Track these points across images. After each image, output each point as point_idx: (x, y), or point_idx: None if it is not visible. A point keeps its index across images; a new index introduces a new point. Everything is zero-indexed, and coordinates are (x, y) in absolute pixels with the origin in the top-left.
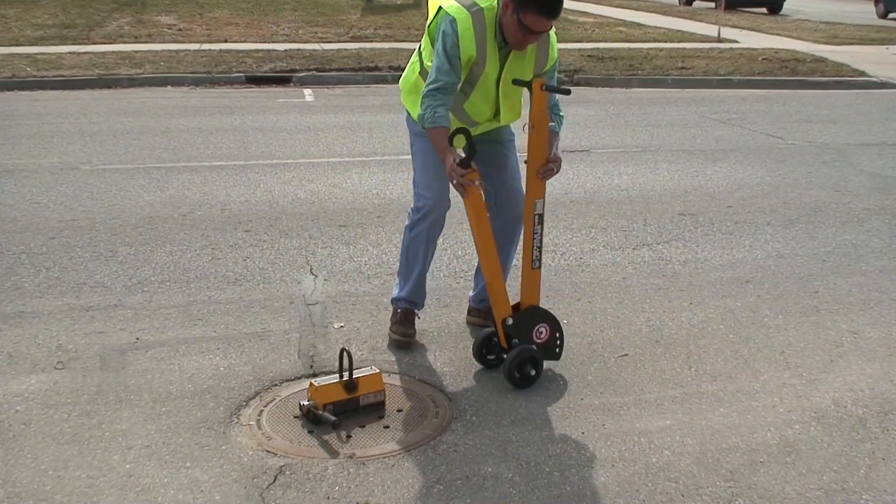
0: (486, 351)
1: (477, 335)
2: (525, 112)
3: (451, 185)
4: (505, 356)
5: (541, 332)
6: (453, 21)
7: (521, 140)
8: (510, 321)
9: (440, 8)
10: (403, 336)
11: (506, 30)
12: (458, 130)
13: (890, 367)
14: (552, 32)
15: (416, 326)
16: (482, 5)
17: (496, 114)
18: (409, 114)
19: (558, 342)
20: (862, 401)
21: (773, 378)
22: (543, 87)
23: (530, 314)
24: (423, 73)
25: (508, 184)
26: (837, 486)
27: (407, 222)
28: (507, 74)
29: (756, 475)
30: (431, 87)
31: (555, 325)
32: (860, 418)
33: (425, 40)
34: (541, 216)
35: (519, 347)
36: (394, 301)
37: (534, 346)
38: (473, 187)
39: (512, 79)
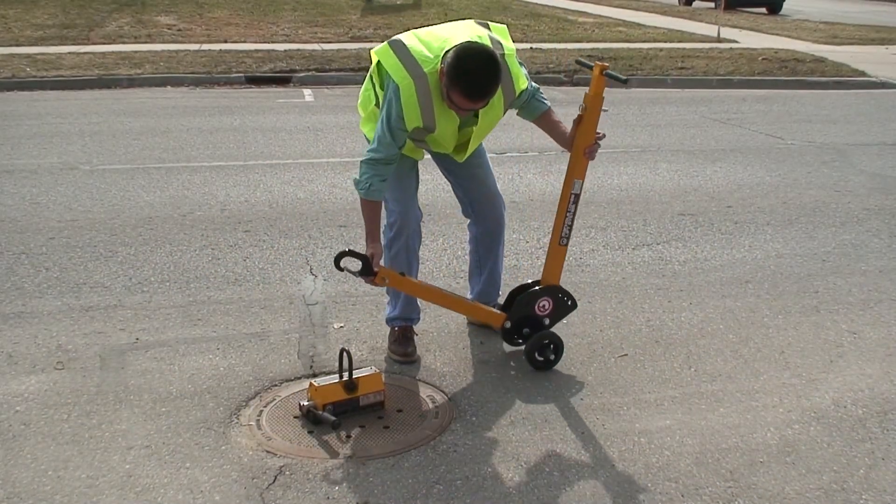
0: (516, 336)
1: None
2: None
3: (417, 194)
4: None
5: (543, 306)
6: (397, 89)
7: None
8: (508, 324)
9: (379, 62)
10: (403, 356)
11: (444, 96)
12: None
13: (890, 368)
14: (514, 62)
15: (415, 342)
16: (426, 69)
17: (461, 149)
18: (367, 138)
19: (564, 297)
20: (862, 401)
21: (773, 378)
22: (604, 73)
23: (523, 303)
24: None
25: (482, 191)
26: (837, 486)
27: (383, 241)
28: (481, 126)
29: (756, 475)
30: (372, 156)
31: (549, 289)
32: (860, 418)
33: (376, 74)
34: (577, 196)
35: (535, 335)
36: (389, 321)
37: (546, 327)
38: (387, 283)
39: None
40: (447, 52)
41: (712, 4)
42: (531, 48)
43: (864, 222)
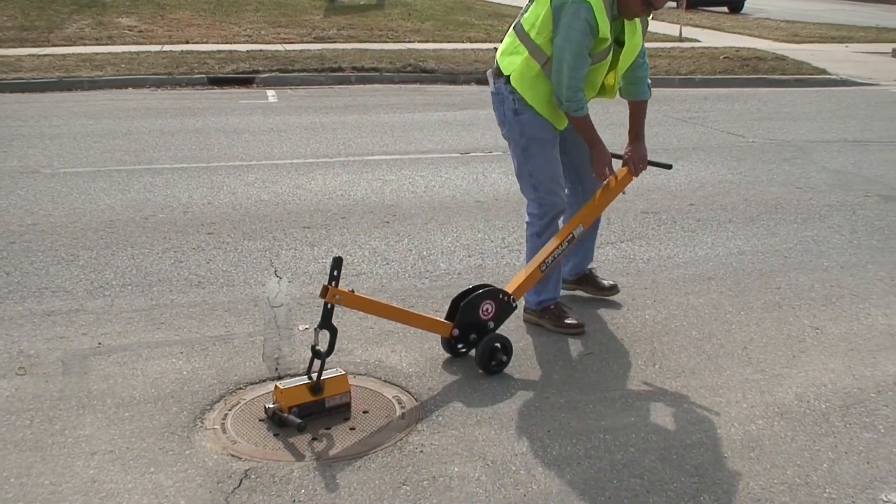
0: (461, 345)
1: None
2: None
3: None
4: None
5: (486, 310)
6: (589, 8)
7: None
8: (456, 332)
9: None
10: (576, 326)
11: (626, 3)
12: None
13: (851, 362)
14: None
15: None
16: None
17: (608, 88)
18: (531, 113)
19: (504, 297)
20: (824, 395)
21: (736, 374)
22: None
23: (466, 310)
24: (548, 64)
25: (589, 169)
26: (801, 481)
27: (534, 229)
28: (628, 45)
29: (720, 470)
30: (576, 76)
31: (489, 292)
32: (823, 413)
33: (542, 19)
34: (574, 238)
35: (482, 342)
36: (543, 302)
37: (492, 332)
38: (337, 299)
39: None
40: None
41: (674, 4)
42: (495, 48)
43: (825, 219)
